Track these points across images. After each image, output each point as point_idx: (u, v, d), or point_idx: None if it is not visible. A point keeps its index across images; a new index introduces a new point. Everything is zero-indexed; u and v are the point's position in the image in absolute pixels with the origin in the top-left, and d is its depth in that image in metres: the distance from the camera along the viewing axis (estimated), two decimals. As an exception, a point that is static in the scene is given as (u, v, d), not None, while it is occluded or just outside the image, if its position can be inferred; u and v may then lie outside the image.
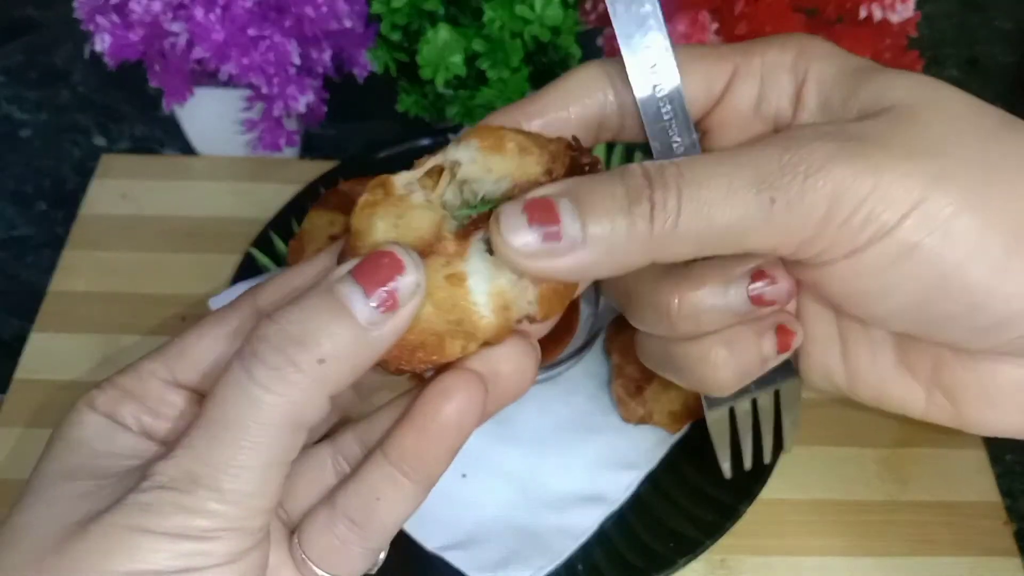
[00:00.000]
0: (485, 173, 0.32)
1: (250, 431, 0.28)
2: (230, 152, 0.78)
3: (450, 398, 0.31)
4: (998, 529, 0.59)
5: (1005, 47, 0.94)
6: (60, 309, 0.68)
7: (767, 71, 0.35)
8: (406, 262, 0.29)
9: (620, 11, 0.34)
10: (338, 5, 0.68)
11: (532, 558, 0.55)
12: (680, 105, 0.35)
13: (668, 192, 0.30)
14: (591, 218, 0.30)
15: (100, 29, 0.66)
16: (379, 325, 0.28)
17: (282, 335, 0.28)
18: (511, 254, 0.30)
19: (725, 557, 0.57)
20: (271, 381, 0.28)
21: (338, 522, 0.32)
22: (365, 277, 0.28)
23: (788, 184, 0.30)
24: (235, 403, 0.28)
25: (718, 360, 0.36)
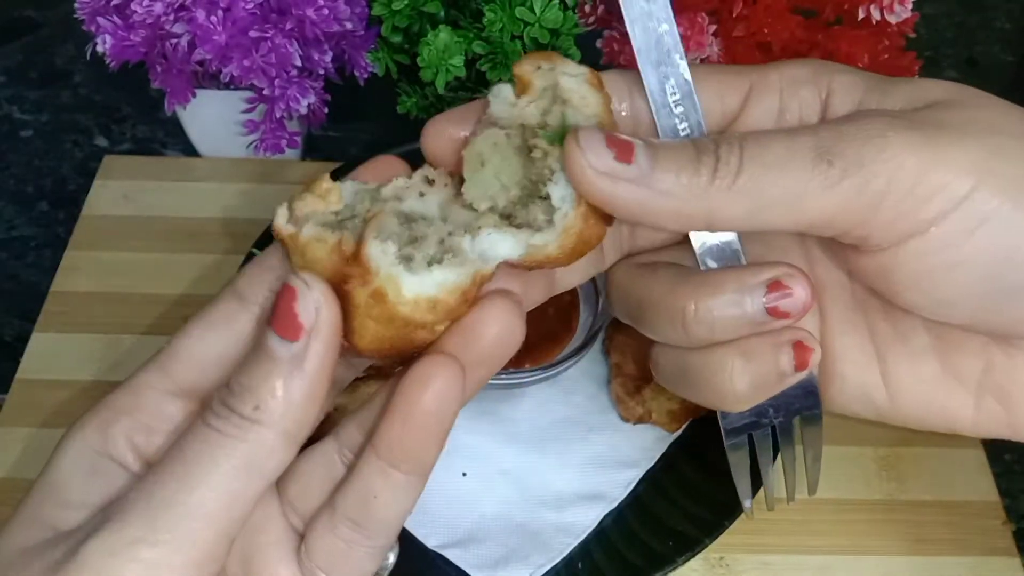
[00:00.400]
0: (583, 104, 0.33)
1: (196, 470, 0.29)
2: (232, 153, 0.78)
3: (428, 385, 0.31)
4: (997, 529, 0.59)
5: (1004, 47, 0.95)
6: (61, 309, 0.68)
7: (786, 84, 0.35)
8: (298, 289, 0.30)
9: (639, 32, 0.34)
10: (339, 7, 0.68)
11: (532, 556, 0.55)
12: (697, 123, 0.35)
13: (731, 149, 0.31)
14: (661, 158, 0.31)
15: (101, 30, 0.66)
16: (302, 354, 0.30)
17: (227, 393, 0.30)
18: (581, 162, 0.31)
19: (724, 555, 0.57)
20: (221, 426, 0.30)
21: (339, 524, 0.33)
22: (274, 319, 0.30)
23: (846, 148, 0.30)
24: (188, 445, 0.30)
25: (734, 370, 0.36)
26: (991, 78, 0.91)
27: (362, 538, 0.33)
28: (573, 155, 0.31)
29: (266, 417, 0.30)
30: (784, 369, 0.36)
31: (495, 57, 0.66)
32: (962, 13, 0.98)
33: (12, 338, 0.69)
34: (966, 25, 0.97)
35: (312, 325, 0.30)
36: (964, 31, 0.96)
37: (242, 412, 0.30)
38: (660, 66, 0.34)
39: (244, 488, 0.30)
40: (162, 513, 0.29)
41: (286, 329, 0.30)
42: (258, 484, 0.30)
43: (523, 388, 0.61)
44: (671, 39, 0.34)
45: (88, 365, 0.64)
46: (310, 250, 0.31)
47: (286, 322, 0.30)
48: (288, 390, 0.30)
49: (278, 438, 0.30)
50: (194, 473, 0.29)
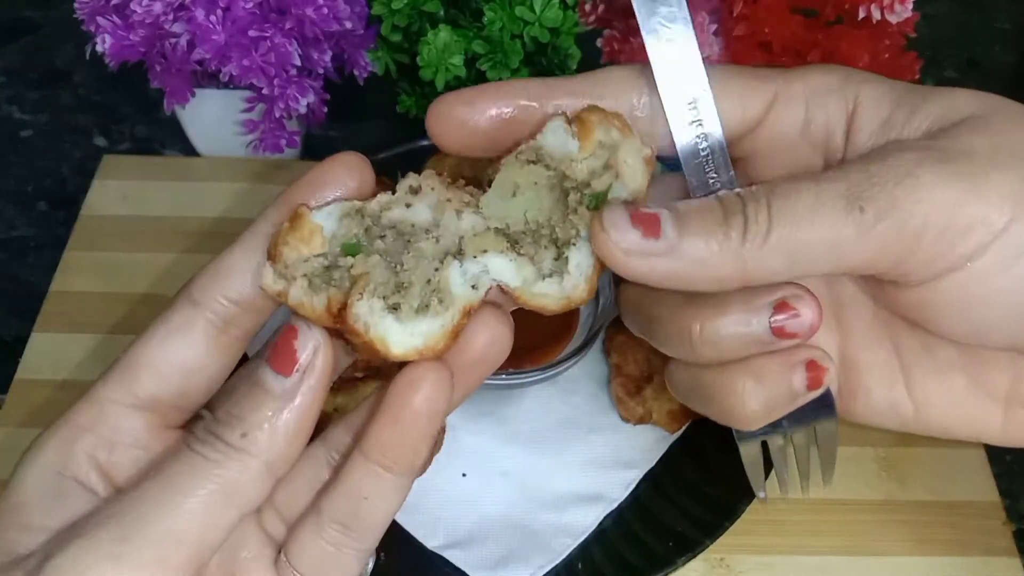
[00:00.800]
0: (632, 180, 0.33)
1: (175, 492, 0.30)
2: (231, 153, 0.78)
3: (418, 388, 0.32)
4: (997, 529, 0.59)
5: (1005, 47, 0.95)
6: (60, 309, 0.68)
7: (812, 94, 0.35)
8: (300, 330, 0.31)
9: (658, 48, 0.34)
10: (339, 6, 0.68)
11: (532, 557, 0.55)
12: (718, 142, 0.35)
13: (759, 206, 0.31)
14: (688, 226, 0.31)
15: (101, 30, 0.66)
16: (293, 390, 0.31)
17: (214, 422, 0.31)
18: (611, 247, 0.31)
19: (724, 556, 0.57)
20: (205, 451, 0.30)
21: (327, 528, 0.33)
22: (271, 355, 0.31)
23: (878, 193, 0.30)
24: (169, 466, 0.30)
25: (745, 391, 0.36)
26: (991, 78, 0.91)
27: (350, 540, 0.33)
28: (599, 237, 0.31)
29: (252, 446, 0.30)
30: (797, 389, 0.36)
31: (495, 56, 0.66)
32: (962, 13, 0.98)
33: (12, 338, 0.69)
34: (966, 25, 0.97)
35: (308, 363, 0.31)
36: (964, 31, 0.96)
37: (228, 439, 0.30)
38: (680, 83, 0.34)
39: (220, 516, 0.30)
40: (134, 533, 0.29)
41: (282, 364, 0.31)
42: (234, 514, 0.30)
43: (523, 388, 0.61)
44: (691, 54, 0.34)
45: (88, 365, 0.64)
46: (300, 310, 0.32)
47: (283, 358, 0.31)
48: (277, 422, 0.30)
49: (261, 468, 0.30)
50: (171, 496, 0.29)
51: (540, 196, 0.34)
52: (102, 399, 0.33)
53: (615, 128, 0.33)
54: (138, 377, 0.33)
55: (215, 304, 0.33)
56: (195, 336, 0.33)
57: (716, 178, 0.35)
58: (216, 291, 0.33)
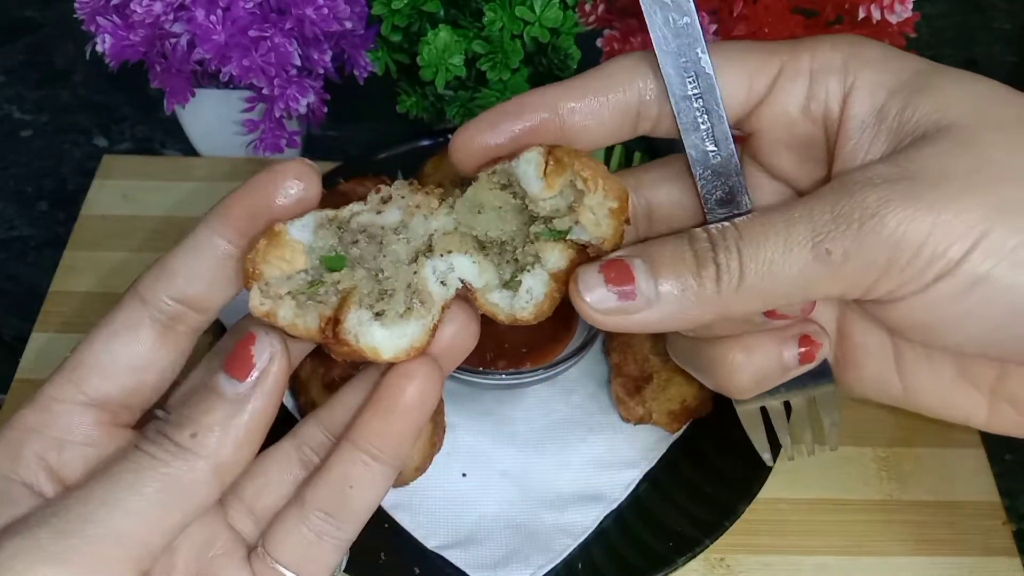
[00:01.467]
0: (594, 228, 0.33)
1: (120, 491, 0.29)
2: (231, 153, 0.78)
3: (411, 379, 0.33)
4: (997, 529, 0.59)
5: (1005, 47, 0.95)
6: (60, 309, 0.68)
7: (817, 70, 0.35)
8: (258, 337, 0.32)
9: (658, 23, 0.34)
10: (339, 6, 0.68)
11: (532, 557, 0.55)
12: (718, 117, 0.35)
13: (730, 254, 0.32)
14: (663, 279, 0.32)
15: (101, 30, 0.66)
16: (247, 395, 0.31)
17: (164, 423, 0.31)
18: (588, 310, 0.32)
19: (724, 556, 0.57)
20: (152, 450, 0.30)
21: (310, 516, 0.33)
22: (228, 360, 0.32)
23: (843, 234, 0.31)
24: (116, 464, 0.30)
25: (735, 364, 0.37)
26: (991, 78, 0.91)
27: (334, 528, 0.34)
28: (578, 304, 0.33)
29: (201, 448, 0.30)
30: (788, 363, 0.37)
31: (495, 56, 0.66)
32: (962, 13, 0.98)
33: (12, 338, 0.69)
34: (966, 25, 0.97)
35: (263, 369, 0.31)
36: (964, 31, 0.96)
37: (176, 439, 0.30)
38: (680, 58, 0.34)
39: (165, 516, 0.30)
40: (75, 531, 0.28)
41: (238, 370, 0.31)
42: (179, 516, 0.30)
43: (523, 388, 0.61)
44: (692, 31, 0.34)
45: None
46: (291, 331, 0.32)
47: (239, 363, 0.31)
48: (228, 426, 0.31)
49: (208, 470, 0.31)
50: (115, 494, 0.29)
51: (504, 219, 0.35)
52: (50, 399, 0.33)
53: (586, 177, 0.33)
54: (87, 376, 0.33)
55: (161, 303, 0.33)
56: (142, 333, 0.33)
57: (715, 151, 0.36)
58: (161, 290, 0.33)
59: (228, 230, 0.33)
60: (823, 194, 0.32)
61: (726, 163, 0.36)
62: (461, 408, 0.60)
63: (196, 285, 0.34)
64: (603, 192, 0.33)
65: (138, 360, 0.33)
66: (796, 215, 0.31)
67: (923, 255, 0.30)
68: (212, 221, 0.33)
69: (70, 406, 0.33)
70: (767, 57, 0.36)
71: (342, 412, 0.36)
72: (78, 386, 0.33)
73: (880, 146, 0.33)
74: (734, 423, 0.59)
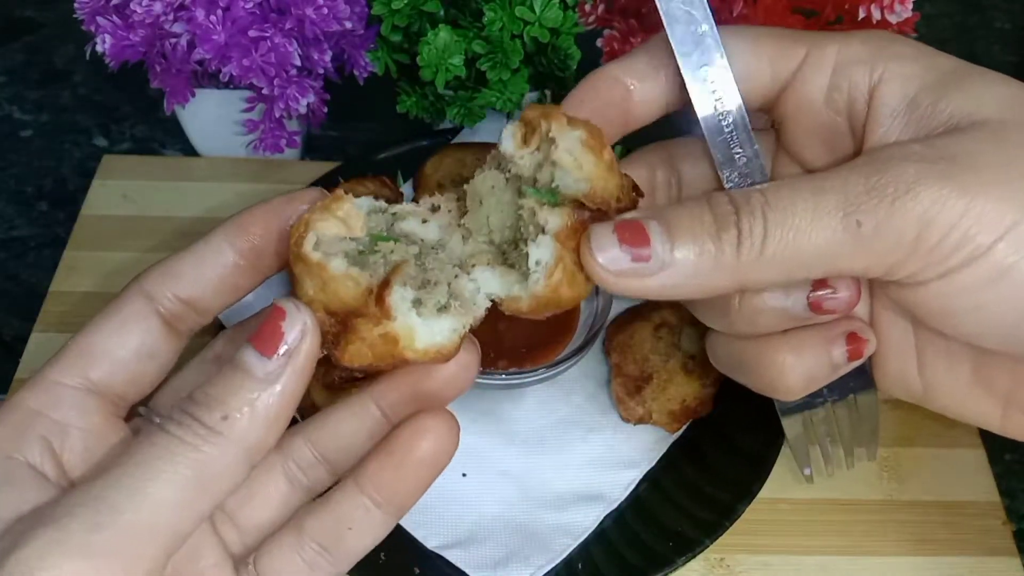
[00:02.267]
0: (575, 168, 0.32)
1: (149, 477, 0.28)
2: (231, 153, 0.78)
3: (424, 435, 0.33)
4: (997, 529, 0.59)
5: (1005, 47, 0.95)
6: (60, 309, 0.68)
7: (841, 61, 0.35)
8: (288, 311, 0.30)
9: (678, 32, 0.34)
10: (339, 6, 0.68)
11: (532, 557, 0.55)
12: (741, 118, 0.35)
13: (754, 219, 0.31)
14: (680, 242, 0.31)
15: (101, 30, 0.66)
16: (277, 373, 0.30)
17: (191, 403, 0.30)
18: (600, 271, 0.31)
19: (724, 556, 0.57)
20: (180, 433, 0.29)
21: (306, 546, 0.33)
22: (256, 336, 0.30)
23: (876, 207, 0.30)
24: (141, 449, 0.29)
25: (785, 364, 0.36)
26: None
27: (327, 563, 0.33)
28: (590, 264, 0.31)
29: (232, 430, 0.29)
30: (837, 361, 0.36)
31: (495, 56, 0.66)
32: (962, 13, 0.98)
33: (12, 338, 0.69)
34: (966, 25, 0.97)
35: (295, 346, 0.30)
36: (964, 31, 0.96)
37: (206, 422, 0.29)
38: (701, 67, 0.34)
39: (197, 504, 0.29)
40: (107, 523, 0.27)
41: (267, 346, 0.30)
42: (209, 502, 0.29)
43: (523, 388, 0.61)
44: (711, 39, 0.34)
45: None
46: (335, 283, 0.31)
47: (269, 339, 0.30)
48: (258, 406, 0.29)
49: (239, 454, 0.29)
50: (146, 482, 0.28)
51: (500, 200, 0.34)
52: (52, 382, 0.32)
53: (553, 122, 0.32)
54: (93, 362, 0.33)
55: (165, 300, 0.33)
56: (151, 324, 0.33)
57: (741, 152, 0.36)
58: (167, 288, 0.33)
59: (241, 242, 0.34)
60: (857, 165, 0.31)
61: (751, 164, 0.36)
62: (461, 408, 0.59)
63: (201, 288, 0.34)
64: (569, 127, 0.32)
65: (145, 349, 0.33)
66: (828, 184, 0.31)
67: (952, 237, 0.30)
68: (228, 229, 0.34)
69: (73, 391, 0.32)
70: (792, 43, 0.35)
71: (333, 437, 0.35)
72: (83, 371, 0.33)
73: (909, 134, 0.33)
74: (734, 423, 0.60)
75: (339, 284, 0.31)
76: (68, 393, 0.32)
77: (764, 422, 0.59)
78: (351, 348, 0.31)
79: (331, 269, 0.31)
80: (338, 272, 0.31)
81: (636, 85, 0.36)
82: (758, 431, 0.59)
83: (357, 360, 0.32)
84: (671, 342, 0.61)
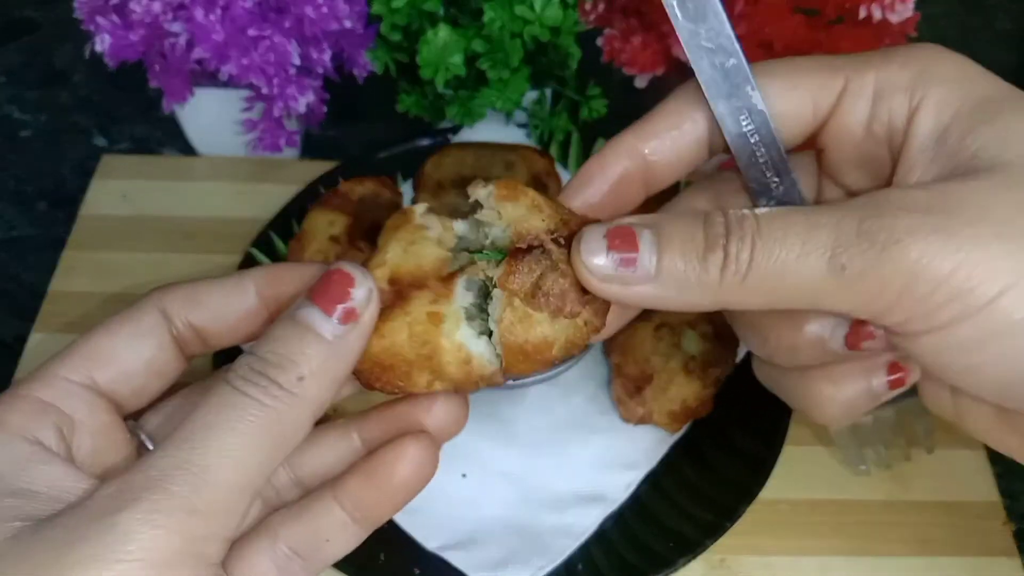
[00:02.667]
0: (495, 218, 0.33)
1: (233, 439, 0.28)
2: (230, 152, 0.78)
3: (406, 460, 0.33)
4: (998, 529, 0.59)
5: (1005, 47, 0.94)
6: (60, 309, 0.68)
7: (881, 88, 0.34)
8: (355, 275, 0.31)
9: (705, 67, 0.34)
10: (338, 5, 0.68)
11: (532, 558, 0.55)
12: (776, 149, 0.34)
13: (743, 245, 0.30)
14: (667, 255, 0.31)
15: (100, 29, 0.66)
16: (344, 336, 0.30)
17: (262, 363, 0.30)
18: (585, 273, 0.31)
19: (725, 557, 0.57)
20: (258, 394, 0.29)
21: (279, 549, 0.33)
22: (321, 297, 0.30)
23: (863, 253, 0.29)
24: (220, 411, 0.29)
25: (823, 395, 0.36)
26: None
27: (299, 569, 0.34)
28: (577, 265, 0.31)
29: (305, 391, 0.29)
30: (877, 392, 0.36)
31: (495, 55, 0.66)
32: (962, 13, 0.98)
33: (12, 338, 0.69)
34: (966, 25, 0.97)
35: (361, 308, 0.30)
36: (964, 31, 0.96)
37: (283, 383, 0.29)
38: (731, 99, 0.34)
39: (272, 460, 0.29)
40: (203, 484, 0.28)
41: (333, 307, 0.30)
42: (281, 458, 0.30)
43: (523, 388, 0.61)
44: (740, 72, 0.33)
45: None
46: (423, 245, 0.32)
47: (335, 300, 0.30)
48: (327, 368, 0.30)
49: (309, 413, 0.30)
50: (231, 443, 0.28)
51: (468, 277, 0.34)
52: (59, 378, 0.32)
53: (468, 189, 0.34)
54: (101, 365, 0.33)
55: (179, 323, 0.34)
56: (164, 341, 0.34)
57: (778, 182, 0.35)
58: (185, 312, 0.34)
59: (268, 289, 0.34)
60: (855, 206, 0.31)
61: (789, 192, 0.35)
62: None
63: (218, 322, 0.34)
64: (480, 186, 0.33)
65: (155, 365, 0.34)
66: (823, 221, 0.30)
67: (940, 293, 0.29)
68: (260, 275, 0.34)
69: (81, 388, 0.32)
70: (831, 74, 0.34)
71: (312, 463, 0.36)
72: (89, 372, 0.32)
73: (934, 171, 0.32)
74: (735, 424, 0.60)
75: (426, 247, 0.32)
76: (77, 390, 0.32)
77: (765, 423, 0.59)
78: (391, 324, 0.32)
79: (428, 232, 0.33)
80: (432, 235, 0.32)
81: (654, 147, 0.35)
82: (759, 432, 0.59)
83: (379, 352, 0.32)
84: (672, 342, 0.61)
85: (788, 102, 0.34)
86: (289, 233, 0.68)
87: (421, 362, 0.32)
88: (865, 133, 0.34)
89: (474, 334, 0.32)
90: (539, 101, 0.75)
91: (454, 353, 0.32)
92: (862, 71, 0.34)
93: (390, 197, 0.68)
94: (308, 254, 0.62)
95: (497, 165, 0.70)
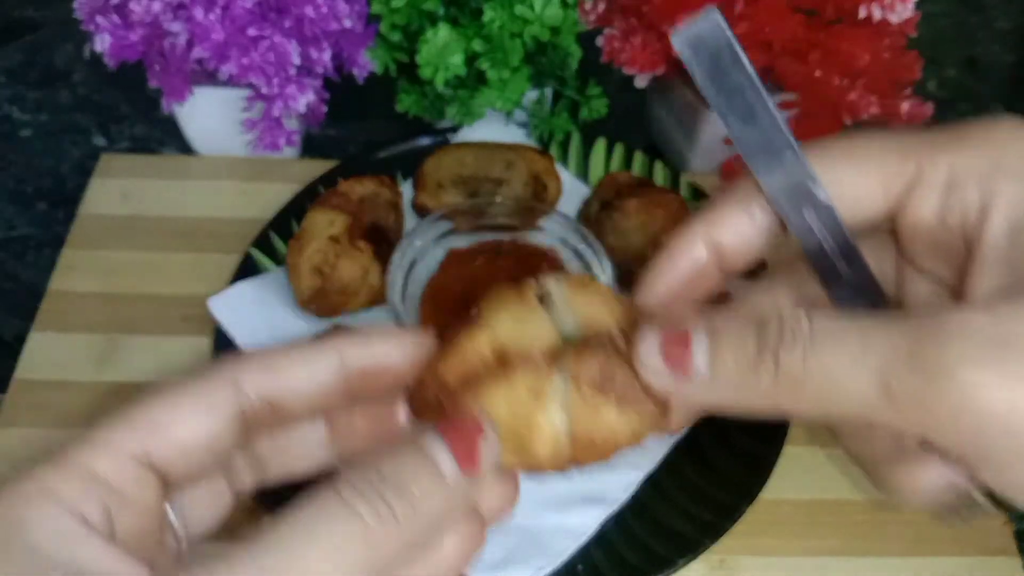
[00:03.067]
0: (567, 312, 0.34)
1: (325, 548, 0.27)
2: (230, 152, 0.78)
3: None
4: (997, 529, 0.59)
5: (1004, 47, 0.94)
6: (60, 309, 0.68)
7: (954, 177, 0.32)
8: (487, 431, 0.30)
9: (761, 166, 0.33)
10: (338, 5, 0.68)
11: (532, 558, 0.55)
12: (841, 235, 0.33)
13: (793, 356, 0.30)
14: (719, 361, 0.31)
15: (100, 29, 0.66)
16: (461, 487, 0.30)
17: (379, 477, 0.28)
18: (642, 369, 0.31)
19: (725, 557, 0.57)
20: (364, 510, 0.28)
21: None
22: (454, 442, 0.30)
23: (911, 378, 0.28)
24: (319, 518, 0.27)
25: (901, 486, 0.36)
26: (991, 78, 0.91)
27: None
28: (636, 364, 0.32)
29: (407, 523, 0.28)
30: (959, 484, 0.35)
31: (494, 55, 0.66)
32: (962, 13, 0.98)
33: (11, 338, 0.69)
34: (966, 25, 0.97)
35: (487, 470, 0.30)
36: (964, 31, 0.96)
37: (394, 507, 0.28)
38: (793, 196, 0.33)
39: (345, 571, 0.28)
40: None
41: (462, 455, 0.30)
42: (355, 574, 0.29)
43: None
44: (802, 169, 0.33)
45: (86, 365, 0.64)
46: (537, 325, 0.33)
47: (465, 451, 0.30)
48: (435, 507, 0.29)
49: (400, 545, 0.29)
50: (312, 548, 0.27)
51: None
52: (117, 448, 0.29)
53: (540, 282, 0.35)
54: (158, 439, 0.30)
55: (250, 397, 0.31)
56: (230, 422, 0.31)
57: (849, 272, 0.34)
58: (260, 384, 0.31)
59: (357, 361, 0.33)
60: (909, 326, 0.29)
61: (861, 277, 0.34)
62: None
63: (296, 393, 0.32)
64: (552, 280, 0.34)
65: (214, 446, 0.31)
66: (875, 338, 0.29)
67: (992, 429, 0.27)
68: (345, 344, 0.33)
69: (135, 462, 0.29)
70: (901, 160, 0.33)
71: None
72: (145, 443, 0.29)
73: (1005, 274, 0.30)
74: (736, 424, 0.60)
75: (539, 327, 0.33)
76: (130, 464, 0.29)
77: (765, 423, 0.59)
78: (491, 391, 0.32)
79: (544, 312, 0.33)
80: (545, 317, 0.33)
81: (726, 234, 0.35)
82: (760, 432, 0.59)
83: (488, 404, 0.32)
84: (671, 342, 0.61)
85: (856, 189, 0.33)
86: (289, 232, 0.68)
87: (506, 435, 0.32)
88: (939, 224, 0.33)
89: (564, 419, 0.32)
90: (539, 101, 0.75)
91: (549, 431, 0.32)
92: (935, 158, 0.32)
93: (390, 196, 0.68)
94: (308, 254, 0.62)
95: (497, 165, 0.69)
